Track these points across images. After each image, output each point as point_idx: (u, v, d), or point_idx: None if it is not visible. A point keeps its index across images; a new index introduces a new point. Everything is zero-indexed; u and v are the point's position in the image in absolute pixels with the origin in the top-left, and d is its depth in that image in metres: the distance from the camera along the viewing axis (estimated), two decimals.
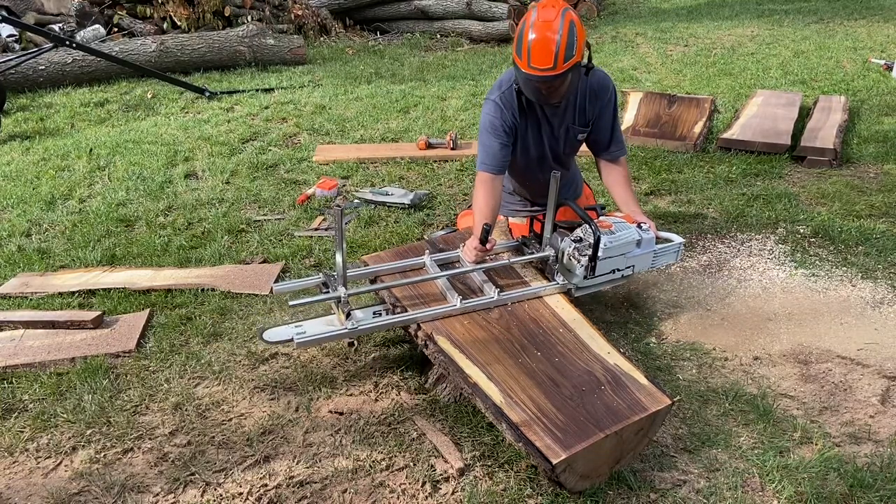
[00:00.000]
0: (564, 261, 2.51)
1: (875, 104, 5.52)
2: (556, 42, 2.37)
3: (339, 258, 2.26)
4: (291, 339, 2.30)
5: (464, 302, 2.33)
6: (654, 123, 5.10)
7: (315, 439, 2.29)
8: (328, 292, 2.36)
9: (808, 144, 4.53)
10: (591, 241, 2.45)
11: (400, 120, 5.60)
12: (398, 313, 2.38)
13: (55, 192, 4.31)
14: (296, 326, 2.36)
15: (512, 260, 2.57)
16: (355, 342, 2.58)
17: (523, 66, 2.45)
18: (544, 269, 2.59)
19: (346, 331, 2.31)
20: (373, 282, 2.57)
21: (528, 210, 3.07)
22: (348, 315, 2.31)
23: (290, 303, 2.32)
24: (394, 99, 6.11)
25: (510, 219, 3.09)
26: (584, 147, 2.92)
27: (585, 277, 2.50)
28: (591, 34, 8.71)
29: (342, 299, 2.31)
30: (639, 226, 2.60)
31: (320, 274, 2.46)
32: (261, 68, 7.25)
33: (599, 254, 2.46)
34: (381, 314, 2.40)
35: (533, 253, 2.59)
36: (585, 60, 2.54)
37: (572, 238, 2.51)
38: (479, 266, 2.48)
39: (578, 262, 2.47)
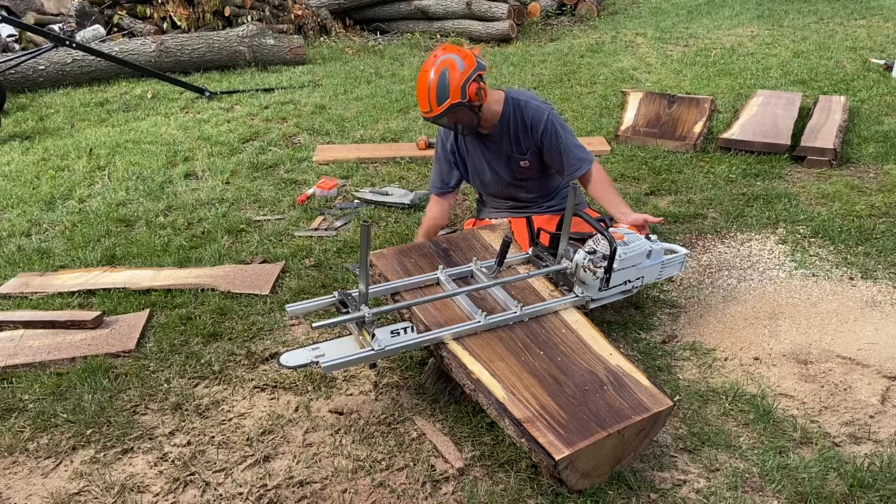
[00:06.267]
0: (579, 273, 2.50)
1: (875, 104, 5.52)
2: (427, 89, 2.70)
3: (361, 279, 2.17)
4: (311, 364, 2.20)
5: (487, 318, 2.29)
6: (654, 123, 5.11)
7: (315, 439, 2.29)
8: (346, 312, 2.26)
9: (808, 144, 4.53)
10: (605, 252, 2.44)
11: (400, 120, 5.60)
12: (421, 331, 2.32)
13: (55, 192, 4.31)
14: (312, 349, 2.25)
15: (530, 273, 2.55)
16: (377, 364, 2.50)
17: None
18: (557, 281, 2.58)
19: (373, 353, 2.19)
20: (393, 296, 2.50)
21: (508, 211, 3.17)
22: (373, 336, 2.21)
23: (314, 325, 2.22)
24: (394, 99, 6.11)
25: (490, 219, 3.15)
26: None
27: (600, 289, 2.50)
28: (590, 34, 8.71)
29: (367, 320, 2.22)
30: (647, 237, 2.61)
31: (335, 293, 2.36)
32: (261, 68, 7.25)
33: (615, 265, 2.45)
34: (398, 333, 2.34)
35: (547, 265, 2.57)
36: (475, 97, 2.74)
37: (586, 250, 2.50)
38: (497, 281, 2.46)
39: (593, 273, 2.45)
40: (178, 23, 7.79)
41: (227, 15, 7.95)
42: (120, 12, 7.97)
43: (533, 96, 2.94)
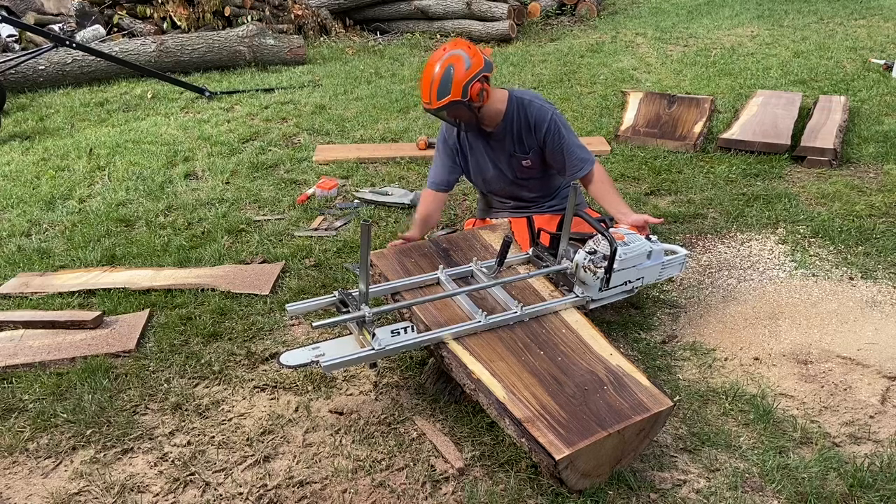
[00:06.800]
0: (579, 274, 2.50)
1: (875, 104, 5.52)
2: (430, 81, 2.71)
3: (362, 279, 2.17)
4: (311, 363, 2.19)
5: (488, 318, 2.29)
6: (654, 123, 5.11)
7: (315, 439, 2.29)
8: (347, 311, 2.26)
9: (808, 144, 4.53)
10: (605, 252, 2.44)
11: (400, 120, 5.60)
12: (422, 331, 2.32)
13: (55, 192, 4.31)
14: (312, 349, 2.24)
15: (530, 273, 2.56)
16: (377, 363, 2.49)
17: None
18: (557, 281, 2.58)
19: (374, 352, 2.19)
20: (393, 296, 2.50)
21: (509, 211, 3.17)
22: (374, 335, 2.21)
23: (314, 324, 2.22)
24: (394, 99, 6.11)
25: (490, 219, 3.14)
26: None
27: (600, 289, 2.50)
28: (590, 34, 8.71)
29: (367, 319, 2.22)
30: (647, 237, 2.61)
31: (335, 293, 2.36)
32: (261, 68, 7.25)
33: (615, 265, 2.45)
34: (399, 332, 2.34)
35: (548, 266, 2.57)
36: (477, 97, 2.73)
37: (586, 250, 2.50)
38: (498, 281, 2.46)
39: (594, 273, 2.45)
40: (178, 23, 7.79)
41: (227, 15, 7.95)
42: (120, 12, 7.97)
43: (537, 96, 2.94)
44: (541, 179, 3.05)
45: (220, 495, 2.07)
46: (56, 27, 7.74)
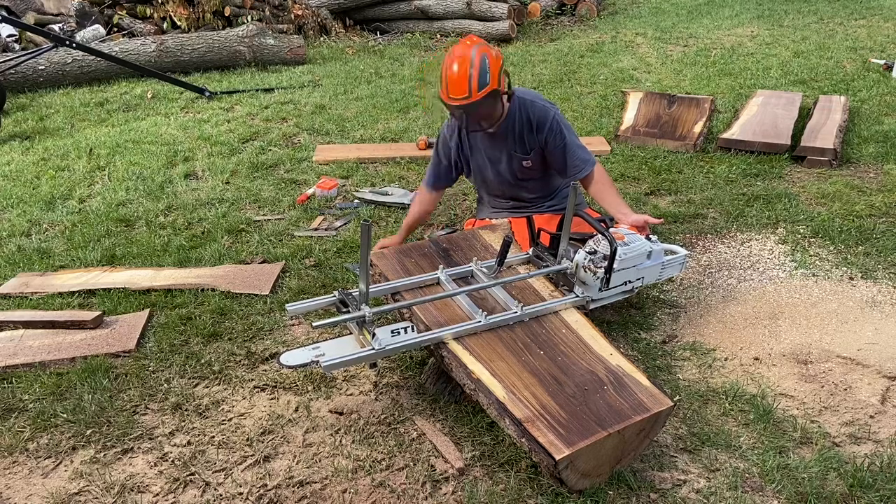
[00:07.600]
0: (580, 274, 2.50)
1: (875, 104, 5.52)
2: (468, 73, 2.61)
3: (362, 279, 2.17)
4: (311, 363, 2.18)
5: (488, 318, 2.30)
6: (654, 123, 5.11)
7: (315, 439, 2.29)
8: (347, 311, 2.26)
9: (808, 144, 4.53)
10: (605, 252, 2.44)
11: (400, 120, 5.60)
12: (422, 331, 2.32)
13: (55, 192, 4.31)
14: (313, 349, 2.24)
15: (530, 273, 2.56)
16: (378, 363, 2.48)
17: (444, 97, 2.70)
18: (557, 281, 2.58)
19: (374, 352, 2.19)
20: (393, 296, 2.50)
21: (508, 211, 3.17)
22: (374, 335, 2.20)
23: (314, 324, 2.21)
24: (394, 99, 6.11)
25: (490, 219, 3.14)
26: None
27: (600, 289, 2.50)
28: (590, 34, 8.71)
29: (367, 319, 2.22)
30: (647, 237, 2.61)
31: (335, 293, 2.36)
32: (261, 68, 7.25)
33: (615, 265, 2.45)
34: (399, 332, 2.34)
35: (548, 266, 2.58)
36: (506, 87, 2.74)
37: (587, 250, 2.50)
38: (498, 281, 2.46)
39: (594, 273, 2.45)
40: (178, 23, 7.79)
41: (227, 15, 7.95)
42: (120, 12, 7.97)
43: (538, 96, 2.94)
44: (541, 180, 3.05)
45: (220, 495, 2.07)
46: (56, 27, 7.74)
